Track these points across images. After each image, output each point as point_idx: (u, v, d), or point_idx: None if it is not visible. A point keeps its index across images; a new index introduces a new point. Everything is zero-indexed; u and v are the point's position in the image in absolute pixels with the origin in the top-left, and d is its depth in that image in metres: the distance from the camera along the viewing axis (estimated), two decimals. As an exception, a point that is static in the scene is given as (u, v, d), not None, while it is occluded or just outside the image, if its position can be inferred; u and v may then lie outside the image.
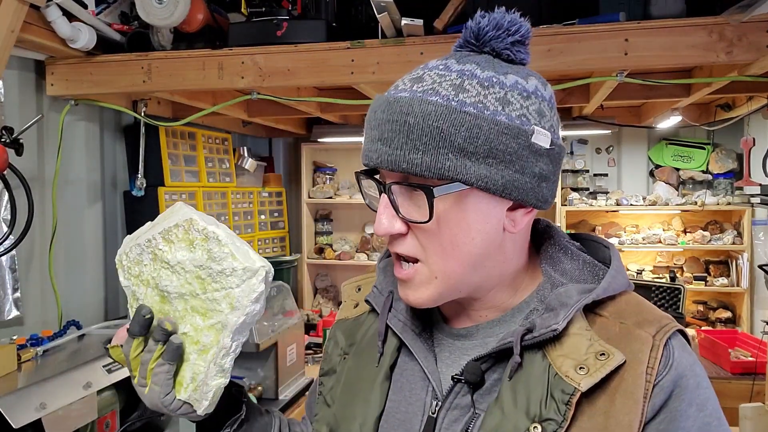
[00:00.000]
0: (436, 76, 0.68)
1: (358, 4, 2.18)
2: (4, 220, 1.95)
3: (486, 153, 0.65)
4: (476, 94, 0.66)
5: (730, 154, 3.72)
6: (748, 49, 1.77)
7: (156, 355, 0.77)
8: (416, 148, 0.65)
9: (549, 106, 0.70)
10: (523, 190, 0.67)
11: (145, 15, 1.99)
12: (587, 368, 0.64)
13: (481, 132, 0.64)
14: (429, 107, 0.65)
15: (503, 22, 0.70)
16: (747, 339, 3.19)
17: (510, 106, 0.66)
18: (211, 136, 3.11)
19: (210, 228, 0.79)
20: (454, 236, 0.68)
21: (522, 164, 0.66)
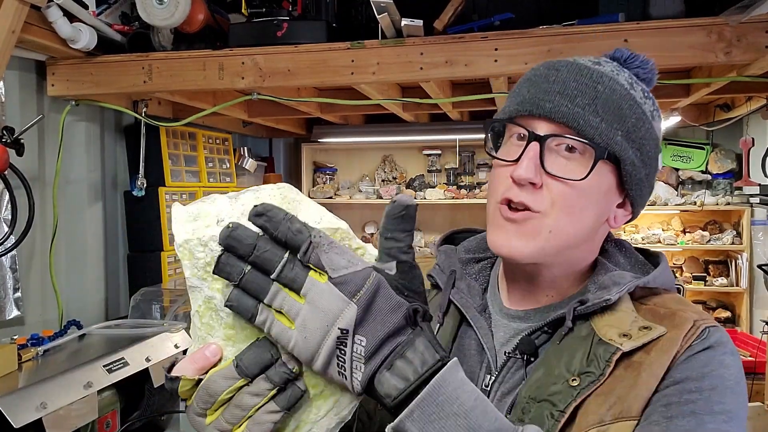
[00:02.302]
0: (615, 68, 0.75)
1: (358, 4, 2.18)
2: (5, 220, 1.95)
3: (639, 146, 0.73)
4: (641, 97, 0.74)
5: (729, 154, 3.73)
6: (747, 49, 1.78)
7: (265, 400, 0.57)
8: (596, 113, 0.70)
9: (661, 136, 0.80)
10: (642, 192, 0.76)
11: (146, 15, 1.99)
12: (630, 335, 0.68)
13: (643, 127, 0.73)
14: (616, 85, 0.72)
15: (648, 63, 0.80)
16: (746, 339, 3.20)
17: (655, 121, 0.76)
18: (211, 136, 3.11)
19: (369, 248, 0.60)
20: (585, 204, 0.72)
21: (651, 171, 0.76)
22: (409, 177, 4.03)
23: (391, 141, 3.89)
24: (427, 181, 3.98)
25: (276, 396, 0.57)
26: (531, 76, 0.77)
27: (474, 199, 3.71)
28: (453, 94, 2.66)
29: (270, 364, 0.57)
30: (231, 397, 0.57)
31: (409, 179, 4.01)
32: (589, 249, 0.78)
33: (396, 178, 4.04)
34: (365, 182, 4.08)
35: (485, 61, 1.95)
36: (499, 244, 0.74)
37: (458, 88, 2.71)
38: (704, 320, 0.70)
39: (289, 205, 0.60)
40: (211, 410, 0.58)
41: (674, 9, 1.86)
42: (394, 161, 4.11)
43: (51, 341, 1.89)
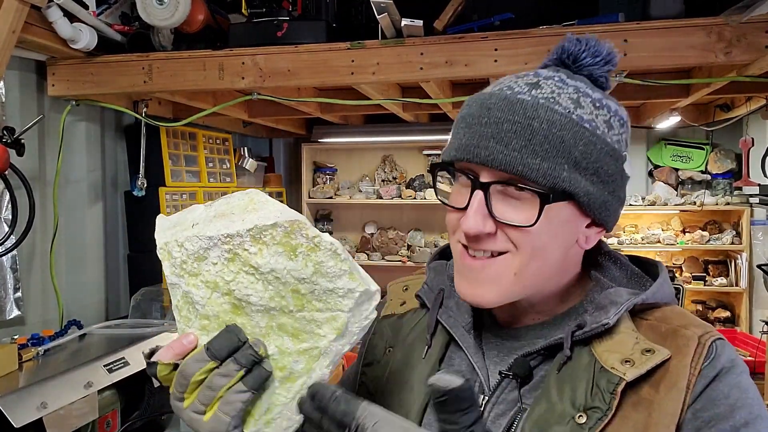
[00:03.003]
0: (555, 87, 0.69)
1: (358, 4, 2.18)
2: (6, 220, 1.95)
3: (594, 170, 0.68)
4: (590, 112, 0.68)
5: (729, 154, 3.73)
6: (747, 49, 1.78)
7: (234, 381, 0.64)
8: (536, 153, 0.65)
9: (629, 136, 0.74)
10: (610, 211, 0.71)
11: (146, 16, 1.99)
12: (633, 362, 0.65)
13: (595, 149, 0.67)
14: (554, 115, 0.66)
15: (602, 49, 0.72)
16: (746, 339, 3.20)
17: (612, 130, 0.70)
18: (211, 136, 3.11)
19: (325, 237, 0.66)
20: (545, 242, 0.69)
21: (615, 187, 0.71)
22: (409, 177, 4.04)
23: (391, 141, 3.89)
24: (427, 181, 3.99)
25: (244, 377, 0.64)
26: (466, 114, 0.72)
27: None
28: (453, 94, 2.66)
29: (238, 348, 0.65)
30: (204, 379, 0.64)
31: (409, 179, 4.01)
32: (564, 271, 0.75)
33: (396, 178, 4.04)
34: (365, 182, 4.08)
35: (485, 61, 1.95)
36: (463, 292, 0.73)
37: (458, 88, 2.72)
38: (708, 333, 0.67)
39: (255, 205, 0.68)
40: (188, 393, 0.65)
41: (674, 9, 1.86)
42: (394, 161, 4.11)
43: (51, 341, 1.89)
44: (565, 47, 0.73)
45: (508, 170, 0.66)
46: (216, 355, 0.65)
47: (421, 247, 3.87)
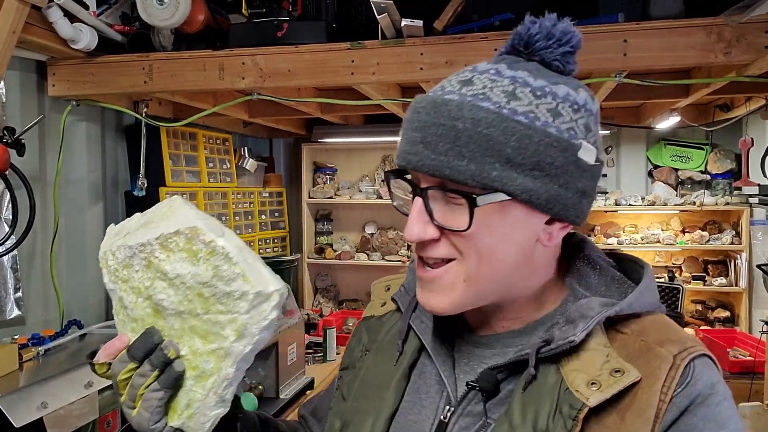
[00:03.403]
0: (488, 81, 0.66)
1: (358, 4, 2.18)
2: (6, 220, 1.95)
3: (533, 165, 0.63)
4: (528, 103, 0.64)
5: (729, 154, 3.73)
6: (746, 49, 1.78)
7: (150, 380, 0.70)
8: (462, 155, 0.63)
9: (595, 121, 0.69)
10: (565, 205, 0.66)
11: (146, 16, 1.99)
12: (599, 384, 0.61)
13: (531, 143, 0.63)
14: (480, 113, 0.63)
15: (555, 31, 0.68)
16: (745, 338, 3.20)
17: (560, 118, 0.65)
18: (211, 136, 3.12)
19: (219, 241, 0.69)
20: (491, 244, 0.66)
21: (567, 179, 0.65)
22: (409, 177, 4.03)
23: (391, 141, 3.89)
24: (426, 181, 3.99)
25: (159, 377, 0.70)
26: (404, 119, 0.69)
27: (474, 199, 3.72)
28: (453, 95, 2.66)
29: (152, 350, 0.70)
30: (129, 377, 0.71)
31: (409, 179, 4.01)
32: (530, 274, 0.70)
33: (396, 178, 4.05)
34: (365, 182, 4.08)
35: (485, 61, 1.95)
36: (421, 301, 0.71)
37: (458, 88, 2.71)
38: (686, 351, 0.62)
39: (171, 212, 0.74)
40: (121, 390, 0.72)
41: (674, 9, 1.87)
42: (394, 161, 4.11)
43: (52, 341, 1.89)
44: (517, 32, 0.70)
45: (437, 174, 0.64)
46: (134, 356, 0.70)
47: (421, 247, 3.87)
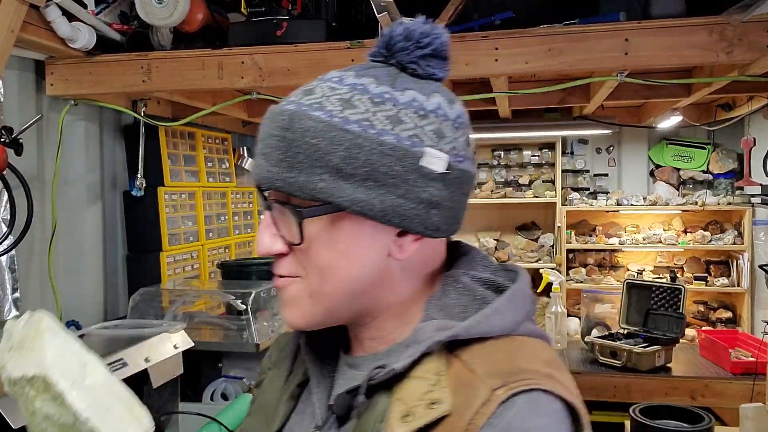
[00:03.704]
0: (327, 89, 0.63)
1: (358, 3, 2.18)
2: (4, 220, 1.95)
3: (365, 175, 0.60)
4: (365, 110, 0.61)
5: (731, 154, 3.72)
6: (748, 48, 1.77)
7: None
8: (291, 166, 0.61)
9: (454, 126, 0.64)
10: (407, 216, 0.61)
11: (145, 15, 1.98)
12: (413, 416, 0.57)
13: (362, 152, 0.59)
14: (309, 123, 0.61)
15: (414, 33, 0.64)
16: (747, 339, 3.19)
17: (401, 125, 0.61)
18: (210, 136, 3.11)
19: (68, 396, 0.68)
20: (331, 260, 0.63)
21: (407, 188, 0.61)
22: (410, 177, 4.03)
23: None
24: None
25: None
26: None
27: (474, 199, 3.71)
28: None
29: None
30: None
31: (410, 179, 4.01)
32: (387, 289, 0.66)
33: (396, 178, 4.04)
34: (365, 182, 4.08)
35: (486, 60, 1.95)
36: (281, 314, 0.71)
37: (458, 87, 2.71)
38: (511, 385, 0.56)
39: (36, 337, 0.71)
40: None
41: (675, 8, 1.86)
42: (395, 161, 4.11)
43: (49, 342, 1.88)
44: (381, 33, 0.66)
45: (272, 187, 0.63)
46: None
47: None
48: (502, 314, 0.63)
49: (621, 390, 2.82)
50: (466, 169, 0.65)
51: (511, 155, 3.85)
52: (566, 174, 3.83)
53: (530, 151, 3.83)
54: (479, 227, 3.94)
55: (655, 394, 2.76)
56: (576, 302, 3.60)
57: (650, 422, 2.07)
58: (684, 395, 2.76)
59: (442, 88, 0.66)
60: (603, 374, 2.86)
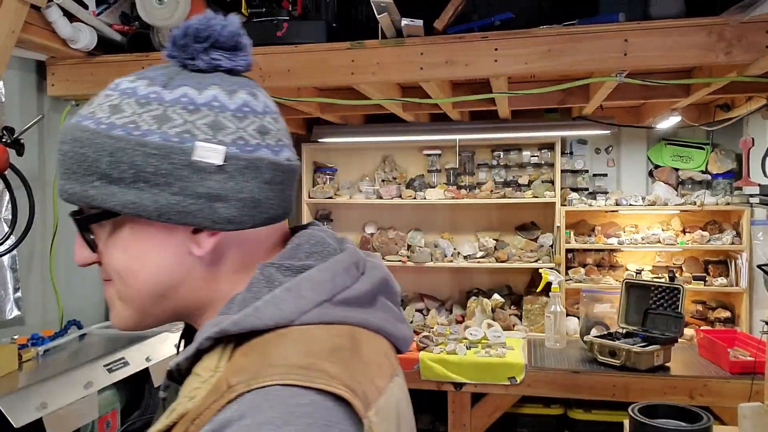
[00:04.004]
0: (103, 97, 0.65)
1: (358, 4, 2.18)
2: (5, 220, 1.95)
3: (134, 177, 0.60)
4: (131, 114, 0.62)
5: (729, 154, 3.73)
6: (747, 49, 1.78)
7: None
8: (69, 177, 0.63)
9: (235, 116, 0.63)
10: (188, 212, 0.61)
11: (146, 15, 1.99)
12: (172, 412, 0.58)
13: (125, 155, 0.60)
14: (78, 133, 0.62)
15: (190, 28, 0.65)
16: (746, 339, 3.20)
17: (170, 122, 0.61)
18: (211, 136, 3.11)
19: None
20: (125, 263, 0.65)
21: (182, 185, 0.61)
22: (409, 177, 4.03)
23: (391, 141, 3.88)
24: (427, 181, 3.98)
25: None
26: None
27: (474, 199, 3.71)
28: (453, 94, 2.66)
29: None
30: None
31: (409, 179, 4.01)
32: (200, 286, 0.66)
33: (396, 178, 4.04)
34: (365, 182, 4.08)
35: (485, 61, 1.95)
36: None
37: (458, 88, 2.71)
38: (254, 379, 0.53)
39: None
40: None
41: (675, 9, 1.87)
42: (394, 161, 4.11)
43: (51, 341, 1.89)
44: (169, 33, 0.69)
45: (63, 199, 0.65)
46: None
47: (421, 247, 3.86)
48: (278, 305, 0.60)
49: (620, 389, 2.83)
50: (262, 156, 0.64)
51: (511, 155, 3.86)
52: (565, 174, 3.84)
53: (529, 151, 3.83)
54: (479, 227, 3.94)
55: (654, 394, 2.77)
56: (575, 302, 3.61)
57: (649, 421, 2.07)
58: (683, 394, 2.77)
59: (223, 80, 0.65)
60: (602, 373, 2.87)
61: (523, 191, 3.71)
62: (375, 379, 0.60)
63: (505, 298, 3.76)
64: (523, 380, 2.93)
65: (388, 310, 0.70)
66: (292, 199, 0.70)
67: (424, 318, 3.80)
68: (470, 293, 3.86)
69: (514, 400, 3.00)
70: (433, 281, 4.02)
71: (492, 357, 3.01)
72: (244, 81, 0.67)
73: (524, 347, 3.23)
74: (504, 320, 3.55)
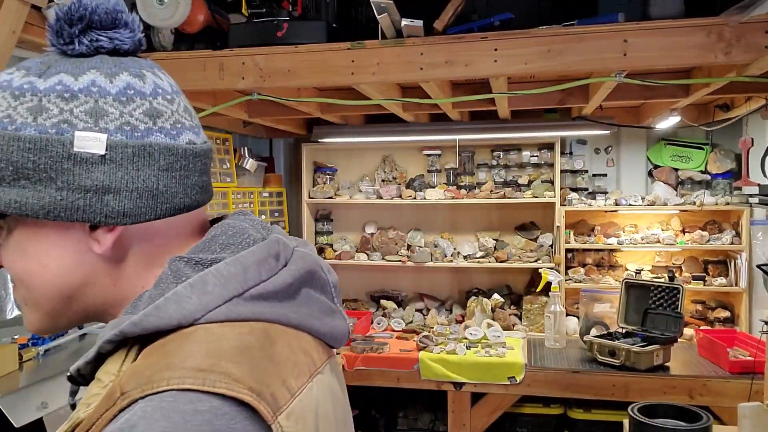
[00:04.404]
0: None
1: (358, 5, 2.18)
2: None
3: (15, 175, 0.57)
4: (6, 107, 0.58)
5: (729, 154, 3.73)
6: (746, 49, 1.78)
7: None
8: None
9: (118, 101, 0.59)
10: (75, 209, 0.57)
11: (146, 16, 1.99)
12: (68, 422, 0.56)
13: (3, 153, 0.57)
14: None
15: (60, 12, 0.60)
16: (745, 338, 3.20)
17: (46, 113, 0.57)
18: (211, 136, 3.11)
19: None
20: (24, 266, 0.61)
21: (66, 180, 0.57)
22: (409, 177, 4.04)
23: (391, 141, 3.89)
24: (427, 181, 3.99)
25: None
26: None
27: (474, 199, 3.72)
28: (453, 94, 2.66)
29: None
30: None
31: (409, 179, 4.01)
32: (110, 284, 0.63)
33: (396, 178, 4.05)
34: (365, 182, 4.08)
35: (485, 61, 1.96)
36: None
37: (458, 88, 2.72)
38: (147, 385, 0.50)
39: None
40: None
41: (674, 9, 1.87)
42: (394, 161, 4.11)
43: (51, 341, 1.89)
44: None
45: None
46: None
47: (421, 247, 3.87)
48: (180, 302, 0.55)
49: (619, 389, 2.83)
50: (154, 142, 0.59)
51: (511, 155, 3.86)
52: (565, 174, 3.84)
53: (529, 151, 3.84)
54: (478, 227, 3.95)
55: (654, 393, 2.77)
56: (575, 302, 3.61)
57: (649, 421, 2.08)
58: (682, 394, 2.77)
59: (104, 62, 0.60)
60: (602, 373, 2.88)
61: (523, 191, 3.71)
62: (288, 379, 0.55)
63: (504, 297, 3.77)
64: (522, 380, 2.94)
65: (312, 303, 0.65)
66: (204, 185, 0.65)
67: (424, 318, 3.81)
68: (470, 293, 3.86)
69: (513, 399, 3.00)
70: (433, 281, 4.02)
71: (492, 357, 3.02)
72: (130, 62, 0.62)
73: (524, 347, 3.23)
74: (504, 320, 3.55)
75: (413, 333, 3.47)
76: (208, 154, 0.67)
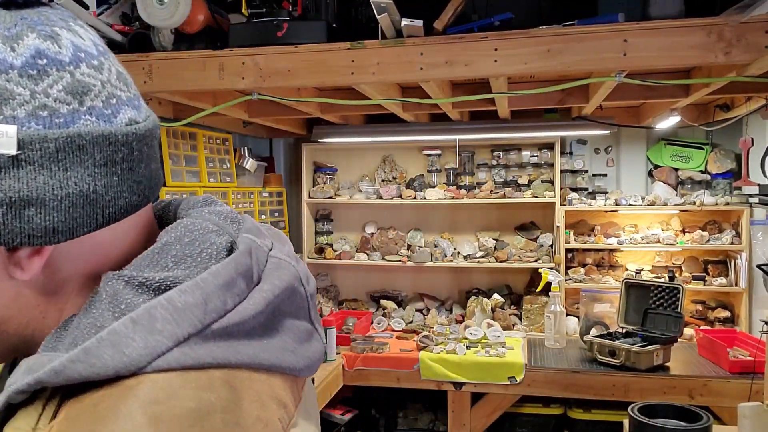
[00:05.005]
0: None
1: (358, 4, 2.18)
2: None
3: None
4: None
5: (729, 154, 3.73)
6: (746, 49, 1.78)
7: None
8: None
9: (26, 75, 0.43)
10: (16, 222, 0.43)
11: (146, 16, 1.99)
12: None
13: None
14: None
15: None
16: (745, 338, 3.20)
17: None
18: (211, 136, 3.11)
19: None
20: None
21: None
22: (409, 177, 4.04)
23: (391, 141, 3.89)
24: (427, 181, 3.99)
25: None
26: None
27: (474, 199, 3.72)
28: (453, 94, 2.66)
29: None
30: None
31: (409, 179, 4.01)
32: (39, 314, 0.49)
33: (396, 178, 4.05)
34: (365, 182, 4.08)
35: (485, 61, 1.96)
36: None
37: (458, 88, 2.72)
38: None
39: None
40: None
41: (674, 9, 1.87)
42: (394, 161, 4.11)
43: (52, 341, 1.89)
44: None
45: None
46: None
47: (421, 247, 3.87)
48: (118, 345, 0.42)
49: (619, 389, 2.83)
50: (83, 130, 0.44)
51: (510, 155, 3.86)
52: (565, 174, 3.84)
53: (529, 151, 3.83)
54: (478, 227, 3.95)
55: (654, 393, 2.77)
56: (575, 302, 3.61)
57: (649, 421, 2.08)
58: (682, 394, 2.77)
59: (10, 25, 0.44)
60: (601, 373, 2.88)
61: (523, 191, 3.71)
62: None
63: (504, 297, 3.77)
64: (522, 380, 2.94)
65: (286, 332, 0.51)
66: (152, 174, 0.51)
67: (424, 318, 3.81)
68: (470, 293, 3.86)
69: (513, 399, 3.00)
70: (433, 281, 4.02)
71: (492, 357, 3.02)
72: (35, 16, 0.45)
73: (524, 347, 3.23)
74: (504, 320, 3.55)
75: (413, 333, 3.47)
76: (154, 133, 0.51)
